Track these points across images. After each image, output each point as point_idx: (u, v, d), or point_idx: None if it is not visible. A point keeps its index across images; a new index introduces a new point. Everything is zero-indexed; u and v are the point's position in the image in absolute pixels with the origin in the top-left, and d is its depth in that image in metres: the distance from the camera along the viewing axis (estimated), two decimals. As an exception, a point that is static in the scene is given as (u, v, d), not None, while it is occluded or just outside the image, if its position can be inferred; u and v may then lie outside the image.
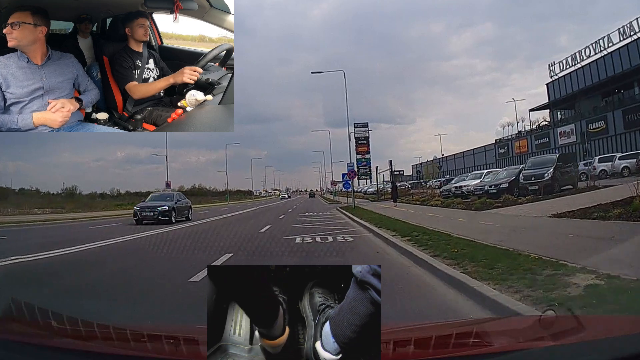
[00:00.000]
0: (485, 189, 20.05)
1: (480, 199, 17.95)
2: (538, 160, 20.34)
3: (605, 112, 39.59)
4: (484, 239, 7.77)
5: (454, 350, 1.31)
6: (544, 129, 50.31)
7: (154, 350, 1.39)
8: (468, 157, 65.15)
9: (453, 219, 13.05)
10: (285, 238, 10.88)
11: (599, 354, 1.23)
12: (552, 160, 18.94)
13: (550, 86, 48.00)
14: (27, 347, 1.39)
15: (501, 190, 18.69)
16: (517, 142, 53.82)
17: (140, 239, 12.02)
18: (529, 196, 16.31)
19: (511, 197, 16.67)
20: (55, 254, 8.74)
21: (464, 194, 22.40)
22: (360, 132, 30.68)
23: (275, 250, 8.96)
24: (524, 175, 18.57)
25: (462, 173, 54.00)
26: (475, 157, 62.56)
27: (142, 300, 5.04)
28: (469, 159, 64.22)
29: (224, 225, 16.70)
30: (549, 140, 47.35)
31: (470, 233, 8.79)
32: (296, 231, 12.79)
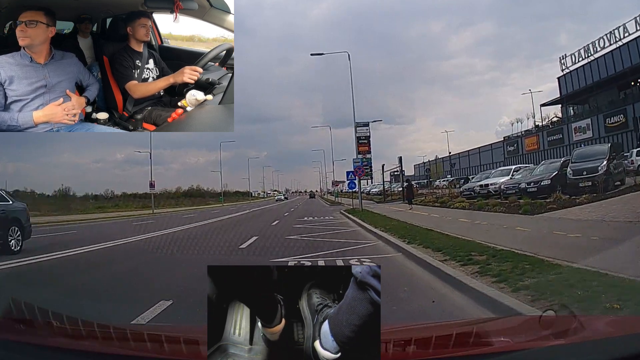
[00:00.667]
0: (521, 187, 17.27)
1: (523, 199, 15.45)
2: (586, 152, 17.10)
3: (625, 105, 36.56)
4: (620, 269, 4.51)
5: (454, 350, 1.31)
6: (556, 124, 46.72)
7: (154, 350, 1.39)
8: (473, 155, 62.32)
9: (508, 227, 10.00)
10: (273, 261, 7.76)
11: (599, 354, 1.23)
12: (604, 151, 15.81)
13: (562, 80, 44.80)
14: (27, 347, 1.39)
15: (543, 188, 15.95)
16: (527, 139, 50.20)
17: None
18: (586, 194, 13.28)
19: (564, 197, 13.90)
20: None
21: (491, 193, 20.06)
22: (361, 131, 29.76)
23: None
24: (573, 170, 15.48)
25: (469, 173, 52.27)
26: (482, 155, 59.92)
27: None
28: (475, 158, 61.73)
29: (197, 238, 12.50)
30: (562, 136, 43.72)
31: (570, 254, 5.61)
32: (290, 247, 9.53)
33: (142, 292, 5.53)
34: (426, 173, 53.93)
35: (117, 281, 6.49)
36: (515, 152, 52.31)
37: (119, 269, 7.77)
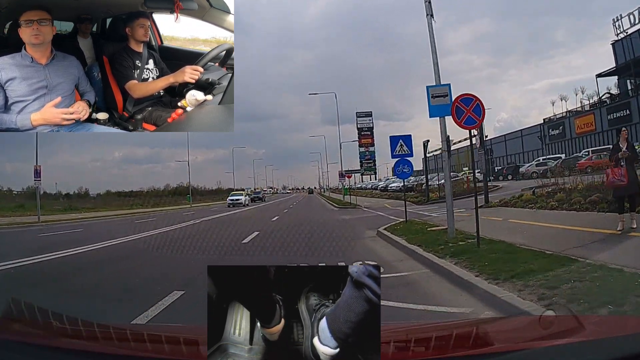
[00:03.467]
0: None
1: None
2: None
3: None
4: None
5: (454, 350, 1.31)
6: (616, 99, 36.62)
7: (154, 350, 1.39)
8: (498, 144, 51.07)
9: None
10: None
11: (599, 354, 1.23)
12: None
13: (618, 46, 35.69)
14: (27, 347, 1.39)
15: None
16: (578, 120, 39.93)
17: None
18: None
19: None
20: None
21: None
22: (363, 122, 25.83)
23: None
24: None
25: (501, 162, 43.43)
26: (508, 144, 50.92)
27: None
28: (499, 147, 50.76)
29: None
30: (629, 112, 33.84)
31: None
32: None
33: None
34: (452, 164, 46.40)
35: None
36: (560, 137, 42.90)
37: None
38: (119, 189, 56.99)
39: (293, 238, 9.99)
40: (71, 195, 51.76)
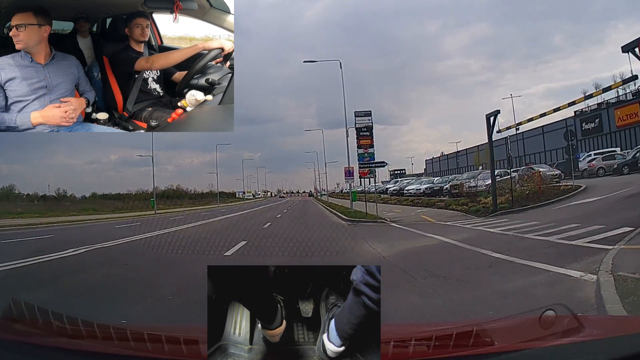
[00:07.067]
0: None
1: None
2: None
3: None
4: None
5: (454, 350, 1.31)
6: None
7: (154, 350, 1.39)
8: (515, 143, 38.54)
9: None
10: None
11: (599, 354, 1.23)
12: None
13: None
14: (27, 347, 1.39)
15: None
16: (619, 110, 28.55)
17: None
18: None
19: None
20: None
21: None
22: (362, 121, 23.84)
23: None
24: None
25: (518, 163, 33.89)
26: (526, 142, 45.08)
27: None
28: (515, 146, 41.16)
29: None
30: None
31: None
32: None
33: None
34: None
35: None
36: (596, 131, 37.34)
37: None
38: (113, 192, 54.20)
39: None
40: (47, 197, 47.36)
